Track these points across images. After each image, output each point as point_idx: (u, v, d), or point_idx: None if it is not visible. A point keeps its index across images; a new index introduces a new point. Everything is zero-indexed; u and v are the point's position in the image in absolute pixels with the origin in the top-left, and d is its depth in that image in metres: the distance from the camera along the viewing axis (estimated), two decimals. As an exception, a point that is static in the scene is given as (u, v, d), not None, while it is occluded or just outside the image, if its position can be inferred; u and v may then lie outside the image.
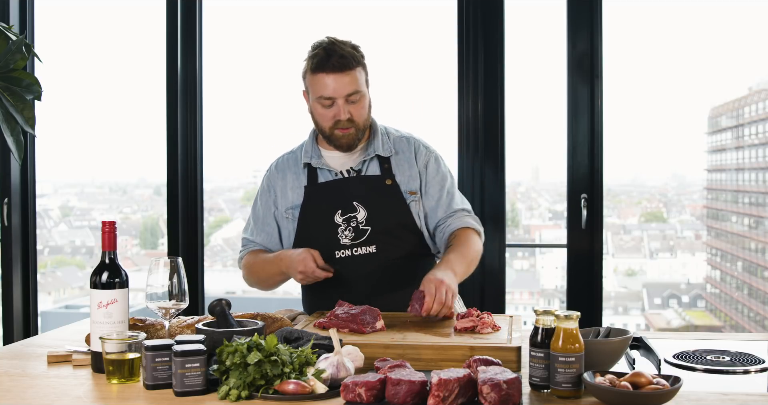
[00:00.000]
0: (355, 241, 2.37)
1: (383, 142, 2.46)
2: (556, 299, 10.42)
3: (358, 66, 2.33)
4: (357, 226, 2.37)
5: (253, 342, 1.65)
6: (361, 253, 2.37)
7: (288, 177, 2.49)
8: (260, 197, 2.56)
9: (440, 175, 2.48)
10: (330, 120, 2.35)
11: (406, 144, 2.49)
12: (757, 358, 1.90)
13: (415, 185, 2.44)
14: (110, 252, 1.88)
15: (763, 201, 9.41)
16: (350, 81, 2.31)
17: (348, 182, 2.42)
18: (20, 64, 2.31)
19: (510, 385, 1.52)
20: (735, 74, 11.50)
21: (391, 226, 2.39)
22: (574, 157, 3.47)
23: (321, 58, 2.30)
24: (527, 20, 3.98)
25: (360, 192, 2.39)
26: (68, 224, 11.64)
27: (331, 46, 2.31)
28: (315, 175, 2.46)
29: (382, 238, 2.37)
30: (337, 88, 2.30)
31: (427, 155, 2.49)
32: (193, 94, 3.73)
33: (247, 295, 11.92)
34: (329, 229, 2.38)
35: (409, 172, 2.44)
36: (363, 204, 2.38)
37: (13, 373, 1.85)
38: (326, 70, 2.30)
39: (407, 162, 2.45)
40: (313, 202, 2.43)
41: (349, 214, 2.38)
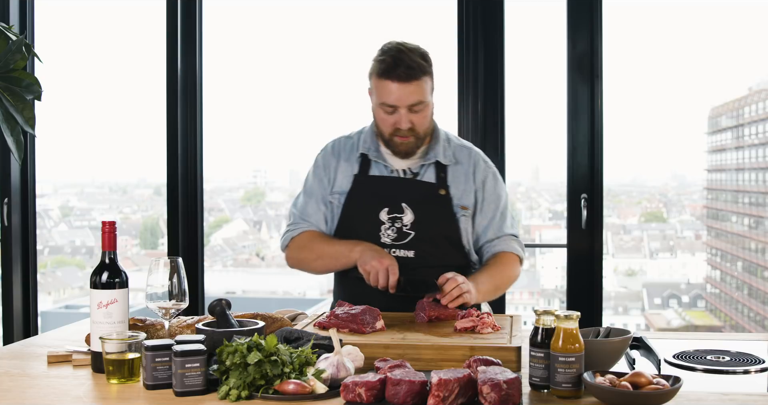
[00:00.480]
0: (395, 241, 2.35)
1: (444, 148, 2.42)
2: (556, 299, 10.42)
3: (424, 75, 2.28)
4: (401, 227, 2.34)
5: (253, 342, 1.65)
6: (398, 255, 2.34)
7: (342, 160, 2.45)
8: (313, 175, 2.50)
9: (496, 194, 2.45)
10: (390, 126, 2.33)
11: (467, 156, 2.44)
12: (757, 358, 1.90)
13: (468, 200, 2.40)
14: (110, 252, 1.88)
15: (763, 201, 9.41)
16: (414, 91, 2.27)
17: (402, 182, 2.38)
18: (20, 64, 2.31)
19: (510, 385, 1.52)
20: (735, 74, 11.49)
21: (435, 236, 2.36)
22: (574, 157, 3.47)
23: (388, 64, 2.26)
24: (527, 20, 3.98)
25: (412, 195, 2.36)
26: (68, 224, 11.64)
27: (399, 54, 2.26)
28: (368, 166, 2.42)
29: (422, 246, 2.35)
30: (401, 98, 2.27)
31: (486, 171, 2.45)
32: (193, 94, 3.73)
33: (247, 295, 11.93)
34: (372, 224, 2.35)
35: (464, 186, 2.40)
36: (412, 208, 2.35)
37: (13, 373, 1.85)
38: (392, 78, 2.26)
39: (464, 175, 2.41)
40: (360, 193, 2.39)
41: (396, 214, 2.35)
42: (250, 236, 12.37)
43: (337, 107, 11.32)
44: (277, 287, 12.37)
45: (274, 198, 12.42)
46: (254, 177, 12.10)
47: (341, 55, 10.78)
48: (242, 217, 12.16)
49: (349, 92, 11.27)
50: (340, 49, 10.88)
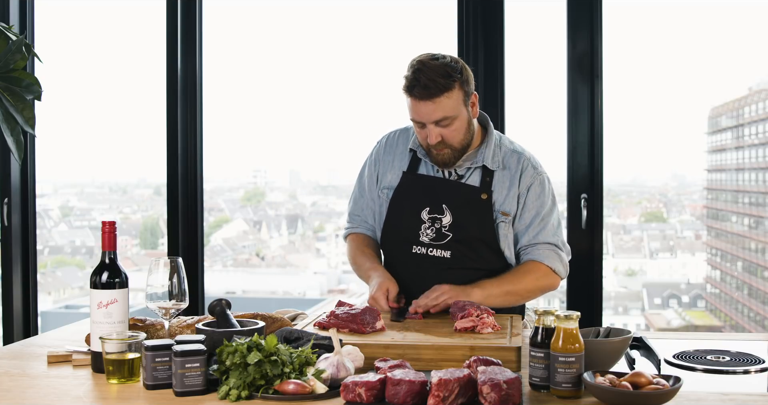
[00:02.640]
0: (433, 241, 2.35)
1: (494, 154, 2.40)
2: (556, 299, 10.42)
3: (447, 91, 2.22)
4: (440, 228, 2.35)
5: (253, 342, 1.65)
6: (435, 255, 2.35)
7: (396, 154, 2.47)
8: (367, 169, 2.54)
9: (539, 201, 2.40)
10: (424, 140, 2.33)
11: (516, 162, 2.41)
12: (757, 358, 1.90)
13: (510, 207, 2.37)
14: (110, 252, 1.88)
15: (763, 201, 9.41)
16: (436, 109, 2.23)
17: (445, 184, 2.38)
18: (20, 64, 2.31)
19: (510, 385, 1.52)
20: (735, 74, 11.50)
21: (471, 239, 2.35)
22: (574, 157, 3.47)
23: (409, 82, 2.24)
24: (527, 20, 3.98)
25: (453, 197, 2.36)
26: (68, 224, 11.64)
27: (417, 74, 2.22)
28: (417, 162, 2.43)
29: (459, 248, 2.35)
30: (424, 115, 2.25)
31: (533, 177, 2.40)
32: (193, 94, 3.73)
33: (247, 295, 11.94)
34: (413, 223, 2.37)
35: (508, 192, 2.38)
36: (451, 210, 2.35)
37: (13, 373, 1.85)
38: (412, 96, 2.25)
39: (510, 180, 2.38)
40: (406, 190, 2.41)
41: (436, 214, 2.36)
42: (250, 236, 12.38)
43: (337, 107, 11.30)
44: (277, 287, 12.38)
45: (274, 198, 12.43)
46: (254, 177, 12.11)
47: (341, 55, 10.77)
48: (242, 217, 12.16)
49: (349, 92, 11.24)
50: (340, 49, 10.87)
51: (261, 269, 12.50)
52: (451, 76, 2.24)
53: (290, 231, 12.48)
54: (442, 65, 2.24)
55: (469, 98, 2.30)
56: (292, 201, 12.47)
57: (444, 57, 2.27)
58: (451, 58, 2.28)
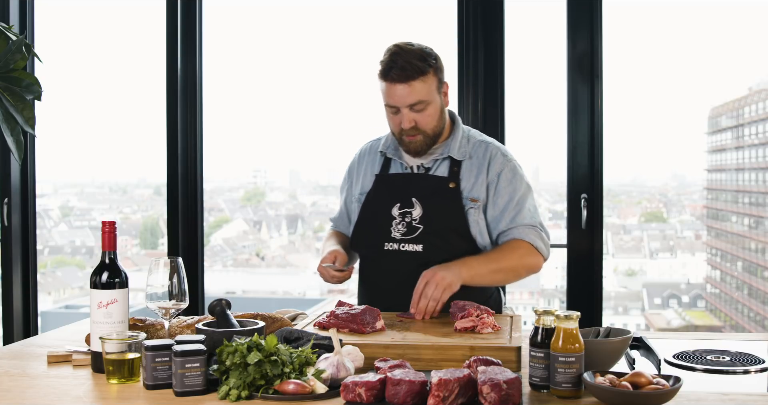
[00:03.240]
0: (405, 236, 2.37)
1: (461, 145, 2.43)
2: (556, 299, 10.43)
3: (423, 75, 2.29)
4: (410, 222, 2.37)
5: (253, 342, 1.65)
6: (407, 250, 2.37)
7: (366, 163, 2.54)
8: (343, 183, 2.65)
9: (512, 186, 2.42)
10: (397, 126, 2.37)
11: (484, 150, 2.44)
12: (757, 358, 1.90)
13: (479, 193, 2.39)
14: (110, 252, 1.88)
15: (763, 201, 9.41)
16: (412, 92, 2.28)
17: (412, 178, 2.43)
18: (20, 64, 2.31)
19: (510, 385, 1.52)
20: (735, 74, 11.50)
21: (442, 229, 2.36)
22: (574, 157, 3.47)
23: (385, 66, 2.29)
24: (527, 20, 3.98)
25: (421, 190, 2.39)
26: (68, 224, 11.64)
27: (395, 56, 2.28)
28: (388, 165, 2.48)
29: (431, 239, 2.36)
30: (399, 98, 2.30)
31: (503, 164, 2.43)
32: (193, 94, 3.73)
33: (247, 295, 11.94)
34: (385, 220, 2.40)
35: (476, 180, 2.40)
36: (421, 202, 2.37)
37: (13, 373, 1.85)
38: (388, 79, 2.29)
39: (477, 168, 2.41)
40: (378, 191, 2.45)
41: (406, 209, 2.38)
42: (250, 236, 12.38)
43: (337, 107, 11.30)
44: (277, 287, 12.38)
45: (274, 198, 12.43)
46: (254, 177, 12.11)
47: (341, 56, 10.77)
48: (242, 217, 12.17)
49: (349, 92, 11.24)
50: (341, 50, 10.87)
51: (261, 269, 12.50)
52: (426, 60, 2.31)
53: (290, 231, 12.48)
54: (419, 50, 2.31)
55: (442, 86, 2.37)
56: (292, 201, 12.48)
57: (419, 44, 2.34)
58: (426, 47, 2.35)
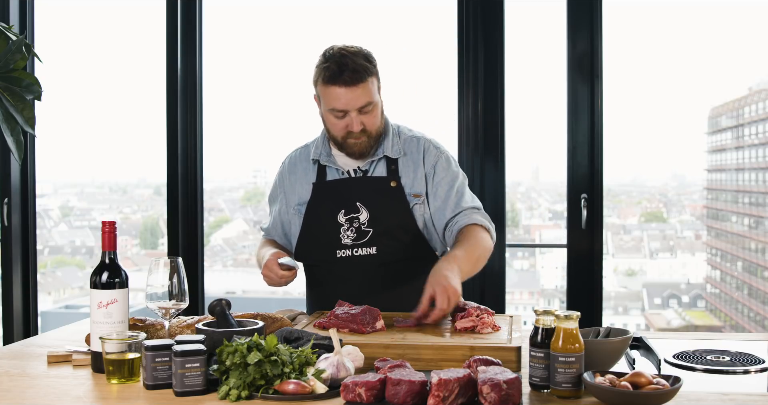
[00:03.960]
0: (356, 241, 2.37)
1: (393, 143, 2.43)
2: (556, 299, 10.43)
3: (370, 76, 2.29)
4: (359, 227, 2.36)
5: (253, 342, 1.65)
6: (361, 254, 2.36)
7: (299, 172, 2.50)
8: (272, 194, 2.60)
9: (450, 175, 2.44)
10: (342, 130, 2.34)
11: (416, 145, 2.45)
12: (757, 358, 1.90)
13: (420, 188, 2.41)
14: (110, 252, 1.88)
15: (763, 201, 9.41)
16: (362, 93, 2.28)
17: (353, 182, 2.41)
18: (20, 64, 2.31)
19: (510, 385, 1.52)
20: (735, 74, 11.50)
21: (392, 229, 2.37)
22: (574, 157, 3.47)
23: (333, 71, 2.27)
24: (527, 20, 3.98)
25: (364, 193, 2.38)
26: (68, 224, 11.64)
27: (343, 59, 2.27)
28: (324, 172, 2.45)
29: (383, 240, 2.36)
30: (350, 102, 2.28)
31: (437, 156, 2.45)
32: (193, 94, 3.73)
33: (247, 295, 11.93)
34: (332, 228, 2.38)
35: (414, 175, 2.41)
36: (366, 205, 2.37)
37: (13, 373, 1.85)
38: (338, 83, 2.27)
39: (414, 163, 2.42)
40: (318, 199, 2.42)
41: (352, 214, 2.37)
42: (250, 236, 12.37)
43: (337, 107, 11.28)
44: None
45: (274, 198, 12.40)
46: (254, 177, 12.10)
47: (341, 55, 10.78)
48: (242, 217, 12.16)
49: (349, 92, 11.23)
50: (340, 49, 10.88)
51: (261, 269, 12.48)
52: (371, 61, 2.33)
53: (290, 231, 12.46)
54: (361, 52, 2.32)
55: (379, 89, 2.37)
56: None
57: (355, 47, 2.33)
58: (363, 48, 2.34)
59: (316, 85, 2.36)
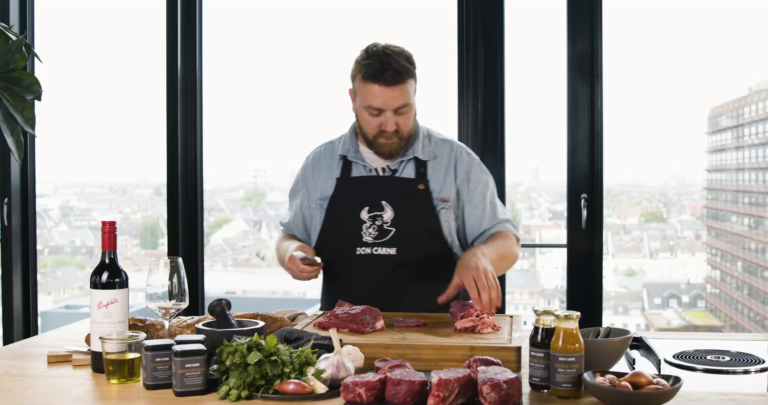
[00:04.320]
0: (377, 240, 2.35)
1: (423, 145, 2.42)
2: (556, 299, 10.43)
3: (410, 78, 2.28)
4: (382, 225, 2.35)
5: (253, 342, 1.65)
6: (381, 253, 2.35)
7: (323, 168, 2.48)
8: (294, 189, 2.58)
9: (482, 183, 2.45)
10: (375, 128, 2.33)
11: (448, 149, 2.44)
12: (757, 358, 1.90)
13: (449, 193, 2.40)
14: (110, 252, 1.88)
15: (763, 201, 9.41)
16: (401, 94, 2.27)
17: (380, 181, 2.39)
18: (20, 64, 2.31)
19: (510, 385, 1.52)
20: (735, 74, 11.50)
21: (415, 231, 2.36)
22: (574, 157, 3.47)
23: (375, 69, 2.25)
24: (527, 20, 3.98)
25: (390, 192, 2.37)
26: (68, 224, 11.64)
27: (387, 59, 2.25)
28: (349, 168, 2.43)
29: (404, 242, 2.35)
30: (388, 101, 2.27)
31: (469, 162, 2.44)
32: (193, 94, 3.73)
33: (247, 295, 11.93)
34: (354, 225, 2.36)
35: (444, 180, 2.40)
36: (391, 205, 2.35)
37: (13, 373, 1.85)
38: (379, 82, 2.25)
39: (444, 168, 2.41)
40: (342, 195, 2.41)
41: (376, 212, 2.36)
42: (250, 236, 12.37)
43: (337, 107, 11.30)
44: (277, 287, 12.37)
45: (274, 198, 12.42)
46: (254, 177, 12.11)
47: (341, 55, 10.78)
48: (242, 217, 12.16)
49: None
50: (341, 49, 10.87)
51: (261, 269, 12.49)
52: (413, 64, 2.32)
53: (290, 231, 12.46)
54: (404, 52, 2.31)
55: (416, 90, 2.36)
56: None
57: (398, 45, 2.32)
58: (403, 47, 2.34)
59: (353, 80, 2.34)
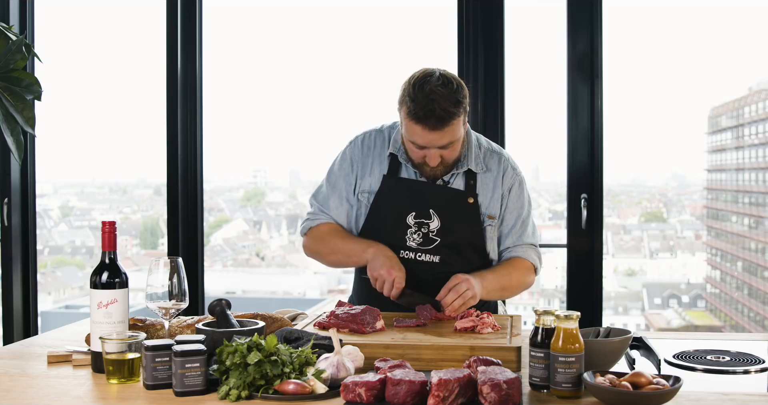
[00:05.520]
0: (421, 246, 2.34)
1: (476, 155, 2.37)
2: (556, 299, 10.42)
3: (456, 118, 2.18)
4: (427, 233, 2.33)
5: (253, 342, 1.65)
6: (423, 260, 2.34)
7: (372, 157, 2.40)
8: (340, 167, 2.44)
9: (520, 202, 2.42)
10: (419, 158, 2.28)
11: (497, 163, 2.40)
12: (757, 358, 1.90)
13: (495, 210, 2.38)
14: (110, 252, 1.88)
15: (763, 201, 9.41)
16: (444, 135, 2.18)
17: (430, 188, 2.35)
18: (20, 64, 2.31)
19: (510, 385, 1.52)
20: (735, 74, 11.50)
21: (460, 244, 2.35)
22: (574, 157, 3.47)
23: (418, 112, 2.15)
24: (527, 20, 3.98)
25: (440, 202, 2.34)
26: (68, 224, 11.63)
27: (430, 104, 2.13)
28: (397, 165, 2.37)
29: (447, 252, 2.34)
30: (431, 142, 2.20)
31: (513, 178, 2.42)
32: (193, 94, 3.73)
33: (247, 295, 11.93)
34: (399, 228, 2.34)
35: (492, 194, 2.38)
36: (439, 214, 2.33)
37: (13, 373, 1.85)
38: (422, 124, 2.16)
39: (493, 182, 2.38)
40: (389, 194, 2.36)
41: (423, 219, 2.33)
42: (250, 236, 12.37)
43: (337, 107, 11.32)
44: (277, 287, 12.37)
45: (274, 198, 12.42)
46: (254, 177, 12.10)
47: (341, 55, 10.78)
48: (242, 217, 12.15)
49: (349, 92, 11.26)
50: (341, 49, 10.88)
51: (261, 269, 12.49)
52: (461, 103, 2.19)
53: (290, 231, 12.46)
54: (452, 93, 2.17)
55: (467, 116, 2.27)
56: (292, 201, 12.46)
57: (449, 81, 2.19)
58: (456, 82, 2.20)
59: (400, 106, 2.24)
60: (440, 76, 2.19)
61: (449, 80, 2.19)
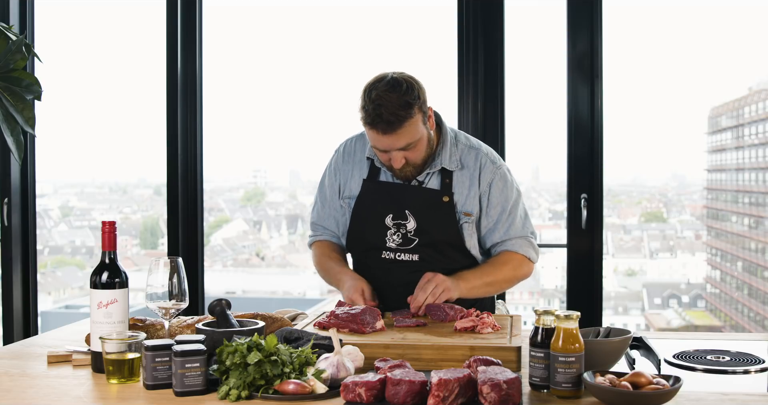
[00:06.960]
0: (400, 247, 2.37)
1: (451, 153, 2.38)
2: (556, 299, 10.42)
3: (408, 120, 2.19)
4: (405, 233, 2.36)
5: (253, 342, 1.65)
6: (404, 259, 2.37)
7: (353, 163, 2.47)
8: (327, 178, 2.54)
9: (503, 196, 2.40)
10: (386, 161, 2.31)
11: (474, 159, 2.40)
12: (757, 358, 1.90)
13: (472, 206, 2.38)
14: (110, 252, 1.88)
15: (763, 201, 9.41)
16: (400, 137, 2.21)
17: (405, 190, 2.37)
18: (20, 64, 2.31)
19: (510, 385, 1.52)
20: (735, 74, 11.49)
21: (438, 243, 2.37)
22: (573, 157, 3.47)
23: (369, 116, 2.20)
24: (527, 20, 3.98)
25: (415, 202, 2.36)
26: (68, 224, 11.63)
27: (378, 109, 2.16)
28: (376, 170, 2.42)
29: (427, 251, 2.36)
30: (388, 145, 2.23)
31: (493, 173, 2.40)
32: (193, 94, 3.73)
33: (247, 295, 11.93)
34: (379, 229, 2.38)
35: (468, 192, 2.38)
36: (414, 215, 2.35)
37: (13, 373, 1.85)
38: (375, 129, 2.20)
39: (469, 179, 2.38)
40: (368, 198, 2.41)
41: (400, 220, 2.37)
42: (250, 236, 12.37)
43: (337, 107, 11.34)
44: (277, 287, 12.37)
45: (274, 198, 12.42)
46: (254, 177, 12.10)
47: (341, 55, 10.79)
48: (242, 217, 12.16)
49: (349, 92, 11.28)
50: (341, 49, 10.89)
51: (261, 269, 12.49)
52: (411, 105, 2.19)
53: (290, 231, 12.46)
54: (400, 97, 2.18)
55: (426, 116, 2.27)
56: (292, 201, 12.46)
57: (399, 84, 2.19)
58: (406, 83, 2.20)
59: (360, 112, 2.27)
60: (390, 80, 2.21)
61: (399, 83, 2.20)
